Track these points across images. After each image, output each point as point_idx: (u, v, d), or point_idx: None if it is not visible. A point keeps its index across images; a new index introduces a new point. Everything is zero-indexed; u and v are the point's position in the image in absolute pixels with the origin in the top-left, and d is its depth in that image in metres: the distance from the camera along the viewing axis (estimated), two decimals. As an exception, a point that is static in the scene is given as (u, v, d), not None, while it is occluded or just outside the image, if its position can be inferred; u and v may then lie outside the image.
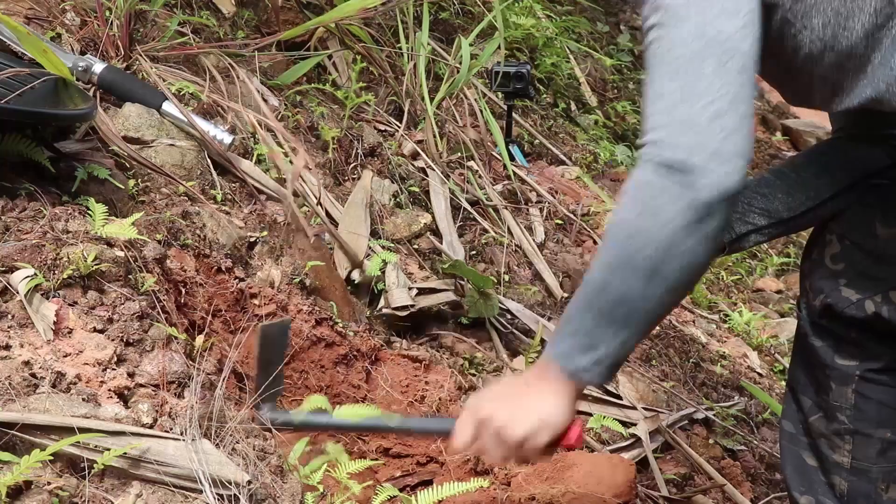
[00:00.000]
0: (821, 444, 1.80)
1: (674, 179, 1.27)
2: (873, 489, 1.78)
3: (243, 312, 2.06)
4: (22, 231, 1.65)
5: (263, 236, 2.24)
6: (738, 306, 3.53)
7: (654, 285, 1.32)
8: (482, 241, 2.85)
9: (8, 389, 1.36)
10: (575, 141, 4.08)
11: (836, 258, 1.72)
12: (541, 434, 1.39)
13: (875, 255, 1.68)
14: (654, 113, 1.31)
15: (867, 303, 1.69)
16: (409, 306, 2.35)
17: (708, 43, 1.30)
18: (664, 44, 1.32)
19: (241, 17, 3.05)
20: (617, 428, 2.28)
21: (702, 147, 1.27)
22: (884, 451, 1.76)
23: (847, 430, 1.75)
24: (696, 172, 1.27)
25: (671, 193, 1.27)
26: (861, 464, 1.76)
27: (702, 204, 1.27)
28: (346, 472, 1.59)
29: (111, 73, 2.33)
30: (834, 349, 1.74)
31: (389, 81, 3.23)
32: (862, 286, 1.70)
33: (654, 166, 1.29)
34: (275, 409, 1.60)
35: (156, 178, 2.18)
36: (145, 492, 1.35)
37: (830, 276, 1.73)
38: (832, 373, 1.75)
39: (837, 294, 1.72)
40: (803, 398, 1.82)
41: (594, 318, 1.35)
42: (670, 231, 1.28)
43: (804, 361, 1.83)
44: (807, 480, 1.83)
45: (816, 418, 1.79)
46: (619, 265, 1.32)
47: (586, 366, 1.36)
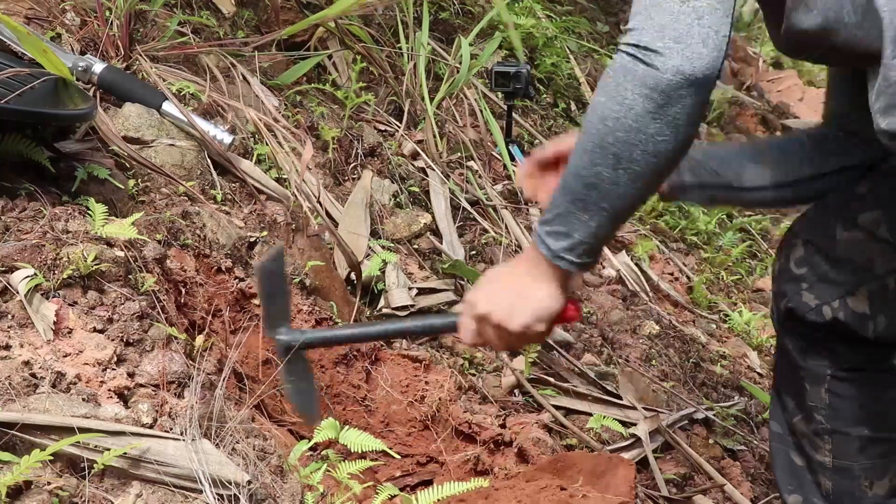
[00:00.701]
0: (805, 444, 1.81)
1: (639, 62, 1.28)
2: (857, 487, 1.79)
3: (243, 312, 2.06)
4: (22, 231, 1.65)
5: (263, 236, 2.24)
6: (738, 306, 3.53)
7: (622, 171, 1.33)
8: (482, 241, 2.86)
9: (8, 389, 1.36)
10: (575, 141, 4.07)
11: (799, 262, 1.75)
12: (538, 321, 1.44)
13: (833, 258, 1.71)
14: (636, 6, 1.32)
15: (825, 308, 1.71)
16: (409, 306, 2.35)
17: None
18: None
19: (241, 16, 3.05)
20: (617, 428, 2.28)
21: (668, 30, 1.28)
22: (863, 448, 1.78)
23: (825, 429, 1.77)
24: (660, 54, 1.27)
25: (635, 75, 1.28)
26: (842, 462, 1.78)
27: (664, 86, 1.28)
28: (346, 472, 1.59)
29: (111, 73, 2.33)
30: (804, 350, 1.76)
31: (389, 81, 3.23)
32: (821, 291, 1.72)
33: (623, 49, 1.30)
34: (290, 330, 1.60)
35: (156, 178, 2.18)
36: (145, 492, 1.35)
37: (793, 280, 1.76)
38: (805, 374, 1.77)
39: (798, 299, 1.74)
40: (786, 399, 1.84)
41: (569, 204, 1.38)
42: (635, 115, 1.29)
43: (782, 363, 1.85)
44: (795, 479, 1.85)
45: (798, 419, 1.81)
46: (591, 149, 1.34)
47: (564, 251, 1.39)
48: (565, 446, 2.18)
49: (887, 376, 1.79)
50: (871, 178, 1.71)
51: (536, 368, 2.40)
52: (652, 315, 2.99)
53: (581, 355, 2.58)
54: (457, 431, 2.10)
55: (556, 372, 2.45)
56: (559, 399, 2.34)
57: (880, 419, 1.79)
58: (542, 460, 2.00)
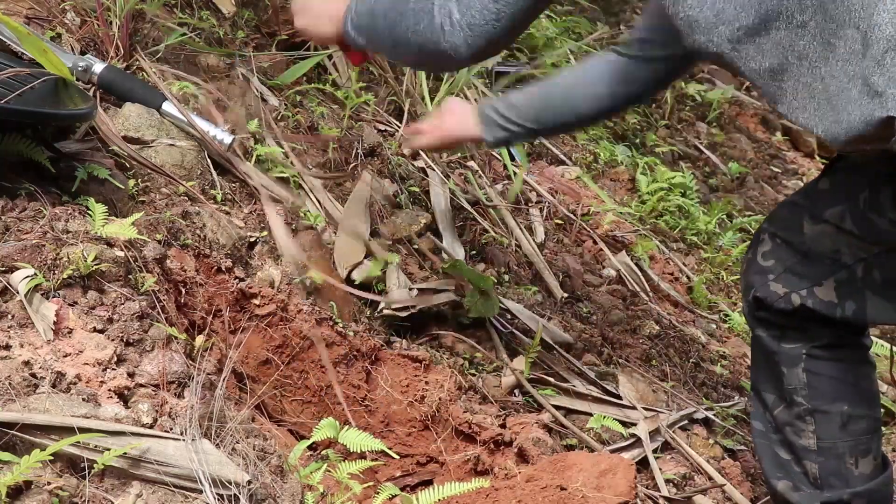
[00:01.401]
0: (788, 435, 1.87)
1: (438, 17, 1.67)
2: (843, 465, 1.85)
3: (243, 312, 2.06)
4: (22, 231, 1.65)
5: (263, 236, 2.24)
6: (738, 306, 3.53)
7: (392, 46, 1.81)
8: (482, 241, 2.85)
9: (8, 389, 1.36)
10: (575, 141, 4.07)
11: (766, 255, 1.86)
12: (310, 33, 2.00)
13: (801, 252, 1.82)
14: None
15: (793, 296, 1.82)
16: (409, 307, 2.35)
17: None
18: None
19: (241, 17, 3.05)
20: (617, 428, 2.28)
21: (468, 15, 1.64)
22: (844, 424, 1.84)
23: (806, 410, 1.84)
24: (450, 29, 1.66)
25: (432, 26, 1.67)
26: (826, 442, 1.84)
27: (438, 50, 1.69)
28: (346, 472, 1.59)
29: (111, 73, 2.33)
30: (777, 337, 1.86)
31: (389, 81, 3.23)
32: (788, 281, 1.82)
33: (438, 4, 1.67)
34: None
35: (156, 178, 2.18)
36: (145, 492, 1.35)
37: (760, 271, 1.87)
38: (781, 358, 1.85)
39: (766, 288, 1.85)
40: (765, 395, 1.91)
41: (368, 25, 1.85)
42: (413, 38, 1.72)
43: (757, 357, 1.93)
44: (782, 468, 1.90)
45: (780, 410, 1.88)
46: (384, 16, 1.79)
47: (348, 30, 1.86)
48: (565, 446, 2.18)
49: (860, 352, 1.88)
50: (832, 175, 1.80)
51: (536, 368, 2.40)
52: (652, 315, 2.99)
53: (581, 355, 2.58)
54: (457, 431, 2.10)
55: (556, 372, 2.45)
56: (559, 399, 2.34)
57: (857, 395, 1.88)
58: (542, 460, 2.00)
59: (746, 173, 4.73)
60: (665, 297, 3.26)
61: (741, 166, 4.74)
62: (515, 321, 2.56)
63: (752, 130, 5.41)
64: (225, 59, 2.78)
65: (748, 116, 5.53)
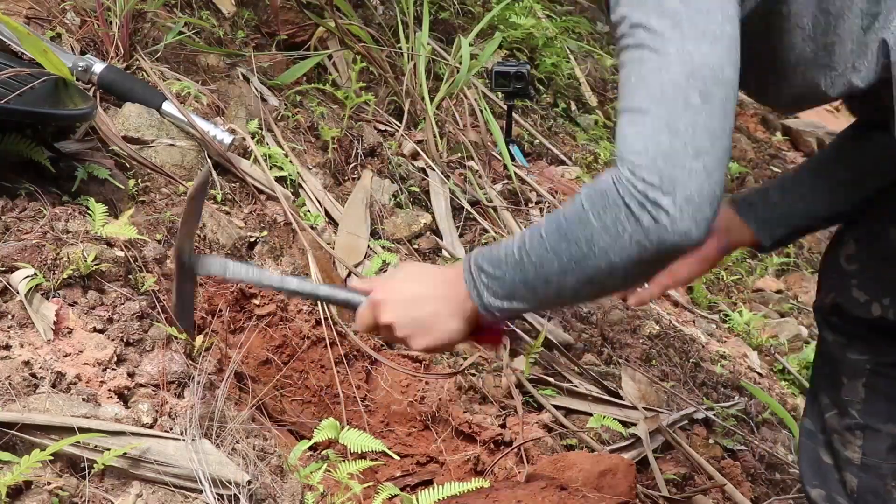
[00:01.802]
0: (835, 441, 1.82)
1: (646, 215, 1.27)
2: (883, 486, 1.80)
3: (243, 312, 2.06)
4: (22, 231, 1.65)
5: (263, 236, 2.24)
6: (738, 306, 3.53)
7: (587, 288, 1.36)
8: (482, 242, 2.85)
9: (8, 389, 1.36)
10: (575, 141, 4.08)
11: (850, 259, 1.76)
12: (438, 348, 1.46)
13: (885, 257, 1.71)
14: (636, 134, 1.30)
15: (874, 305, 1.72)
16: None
17: (692, 71, 1.27)
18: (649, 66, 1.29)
19: (241, 17, 3.05)
20: (617, 428, 2.28)
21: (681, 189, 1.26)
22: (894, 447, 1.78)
23: (858, 425, 1.78)
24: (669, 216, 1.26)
25: (641, 227, 1.27)
26: (871, 460, 1.78)
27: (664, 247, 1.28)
28: (346, 472, 1.59)
29: (111, 73, 2.33)
30: (845, 344, 1.78)
31: (389, 81, 3.23)
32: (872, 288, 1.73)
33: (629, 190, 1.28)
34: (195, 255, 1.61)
35: (156, 178, 2.18)
36: (145, 492, 1.35)
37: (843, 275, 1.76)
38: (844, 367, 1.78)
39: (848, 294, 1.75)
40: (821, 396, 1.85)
41: (520, 284, 1.39)
42: (624, 257, 1.30)
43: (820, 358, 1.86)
44: (821, 475, 1.86)
45: (831, 415, 1.82)
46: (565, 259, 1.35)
47: (500, 308, 1.41)
48: (565, 446, 2.18)
49: None
50: None
51: (536, 368, 2.40)
52: (652, 315, 2.99)
53: (581, 355, 2.58)
54: (457, 431, 2.10)
55: (556, 372, 2.45)
56: (559, 399, 2.34)
57: None
58: (542, 460, 2.00)
59: (746, 173, 4.73)
60: (665, 297, 3.26)
61: (741, 166, 4.75)
62: (515, 321, 2.56)
63: (751, 130, 5.41)
64: (225, 59, 2.78)
65: (748, 116, 5.53)
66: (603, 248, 1.31)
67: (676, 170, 1.26)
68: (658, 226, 1.26)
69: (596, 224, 1.31)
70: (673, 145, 1.26)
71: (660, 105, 1.27)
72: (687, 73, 1.27)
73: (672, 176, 1.26)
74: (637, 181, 1.27)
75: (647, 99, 1.29)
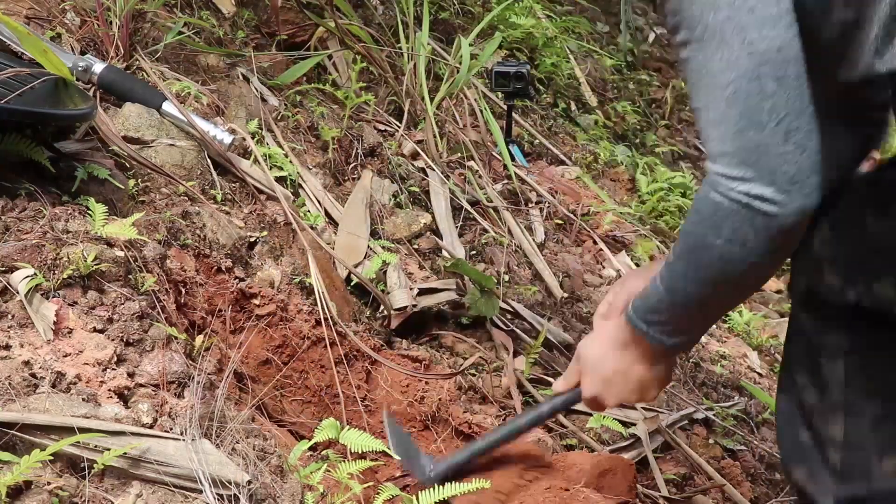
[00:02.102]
0: (814, 420, 1.82)
1: (757, 211, 1.33)
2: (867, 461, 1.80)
3: (243, 312, 2.06)
4: (22, 231, 1.65)
5: (263, 236, 2.24)
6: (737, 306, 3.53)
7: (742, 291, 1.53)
8: (482, 241, 2.85)
9: (8, 389, 1.36)
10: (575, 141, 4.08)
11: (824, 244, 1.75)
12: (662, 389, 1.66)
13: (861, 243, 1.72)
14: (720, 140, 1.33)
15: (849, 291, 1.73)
16: (410, 306, 2.35)
17: (761, 60, 1.29)
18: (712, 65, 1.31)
19: (241, 17, 3.05)
20: (617, 428, 2.28)
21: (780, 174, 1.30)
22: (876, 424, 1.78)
23: (839, 403, 1.78)
24: (778, 203, 1.32)
25: (757, 225, 1.34)
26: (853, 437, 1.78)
27: (786, 229, 1.35)
28: (346, 472, 1.59)
29: (111, 73, 2.33)
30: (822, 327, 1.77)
31: (389, 81, 3.23)
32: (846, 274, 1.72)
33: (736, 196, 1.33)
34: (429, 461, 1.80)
35: (156, 178, 2.18)
36: (145, 492, 1.35)
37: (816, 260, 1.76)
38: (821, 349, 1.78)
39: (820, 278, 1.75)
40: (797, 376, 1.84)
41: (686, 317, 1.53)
42: (759, 254, 1.38)
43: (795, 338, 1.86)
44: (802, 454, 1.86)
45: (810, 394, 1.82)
46: (711, 281, 1.45)
47: (678, 343, 1.56)
48: (565, 446, 2.18)
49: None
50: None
51: (536, 368, 2.40)
52: (652, 315, 2.99)
53: (581, 355, 2.58)
54: (457, 431, 2.10)
55: (556, 372, 2.45)
56: (559, 399, 2.34)
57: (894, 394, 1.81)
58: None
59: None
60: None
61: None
62: (515, 321, 2.56)
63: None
64: (225, 59, 2.78)
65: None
66: (738, 257, 1.39)
67: (771, 158, 1.30)
68: (774, 216, 1.32)
69: (719, 242, 1.38)
70: (761, 138, 1.29)
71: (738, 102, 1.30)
72: (756, 63, 1.28)
73: (769, 166, 1.30)
74: (737, 184, 1.32)
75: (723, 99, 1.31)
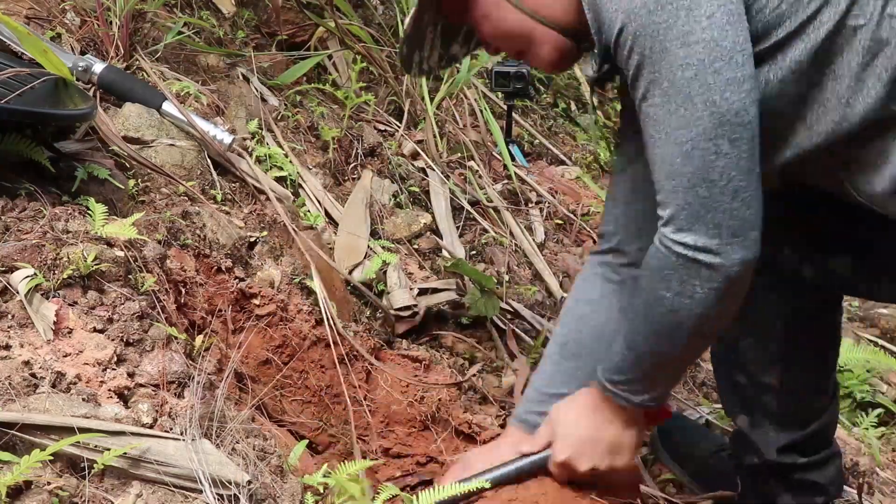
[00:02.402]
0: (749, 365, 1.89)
1: (703, 263, 1.38)
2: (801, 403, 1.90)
3: (243, 312, 2.05)
4: (22, 231, 1.65)
5: (263, 236, 2.24)
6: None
7: (697, 343, 1.52)
8: (482, 241, 2.85)
9: (8, 389, 1.35)
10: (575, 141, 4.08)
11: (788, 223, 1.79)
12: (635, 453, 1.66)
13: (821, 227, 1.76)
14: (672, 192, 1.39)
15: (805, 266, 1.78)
16: (411, 306, 2.35)
17: (721, 121, 1.34)
18: (673, 121, 1.36)
19: (241, 17, 3.05)
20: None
21: (724, 228, 1.37)
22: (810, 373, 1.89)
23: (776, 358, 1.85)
24: (722, 255, 1.38)
25: (702, 277, 1.39)
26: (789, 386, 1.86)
27: (731, 280, 1.40)
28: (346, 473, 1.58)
29: (111, 73, 2.33)
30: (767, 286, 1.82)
31: (389, 81, 3.23)
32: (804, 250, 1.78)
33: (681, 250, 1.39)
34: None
35: (156, 178, 2.18)
36: (145, 492, 1.35)
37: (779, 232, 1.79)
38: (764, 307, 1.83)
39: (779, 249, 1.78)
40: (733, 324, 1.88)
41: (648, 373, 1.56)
42: (707, 305, 1.42)
43: None
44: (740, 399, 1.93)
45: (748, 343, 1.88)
46: (666, 334, 1.49)
47: (646, 400, 1.59)
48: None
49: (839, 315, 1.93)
50: None
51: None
52: (652, 315, 2.98)
53: (581, 355, 2.58)
54: (457, 431, 2.10)
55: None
56: (559, 399, 2.34)
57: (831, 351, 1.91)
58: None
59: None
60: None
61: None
62: (515, 321, 2.56)
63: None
64: (225, 59, 2.78)
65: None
66: (687, 309, 1.43)
67: (717, 214, 1.36)
68: (718, 268, 1.38)
69: (669, 295, 1.44)
70: (710, 194, 1.36)
71: (693, 159, 1.35)
72: (715, 123, 1.34)
73: (714, 220, 1.36)
74: (683, 236, 1.39)
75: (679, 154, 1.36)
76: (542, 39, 1.54)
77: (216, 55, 2.75)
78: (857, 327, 3.41)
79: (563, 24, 1.51)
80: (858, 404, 2.92)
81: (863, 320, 3.52)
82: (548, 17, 1.51)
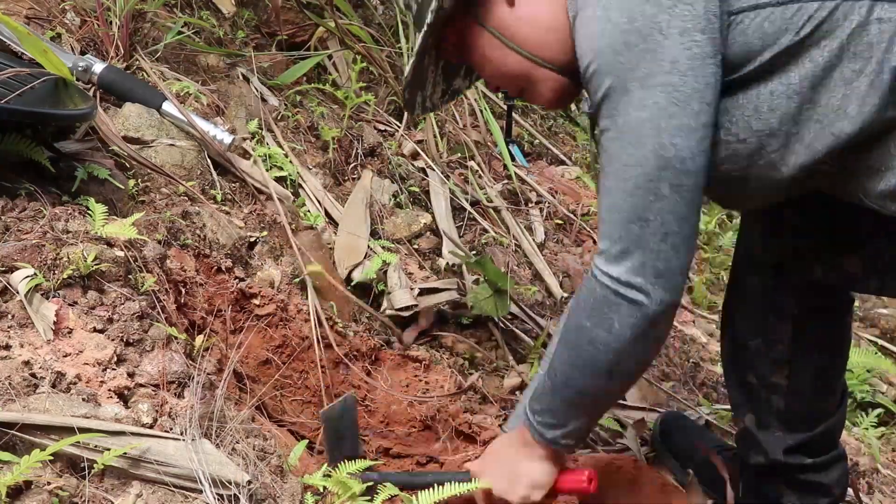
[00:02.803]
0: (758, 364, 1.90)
1: (625, 298, 1.43)
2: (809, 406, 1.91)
3: (243, 312, 2.05)
4: (22, 231, 1.65)
5: (263, 236, 2.24)
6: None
7: (611, 380, 1.52)
8: (482, 241, 2.85)
9: (8, 389, 1.36)
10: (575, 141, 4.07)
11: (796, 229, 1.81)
12: (536, 491, 1.66)
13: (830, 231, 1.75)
14: (610, 223, 1.44)
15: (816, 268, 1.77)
16: (412, 306, 2.35)
17: (665, 165, 1.38)
18: (623, 157, 1.40)
19: (241, 17, 3.05)
20: (616, 428, 2.28)
21: (649, 268, 1.41)
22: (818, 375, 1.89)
23: (785, 359, 1.87)
24: (644, 293, 1.42)
25: (622, 311, 1.43)
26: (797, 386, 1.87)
27: (650, 319, 1.43)
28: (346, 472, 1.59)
29: (111, 73, 2.33)
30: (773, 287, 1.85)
31: (389, 81, 3.23)
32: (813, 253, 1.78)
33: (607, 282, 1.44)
34: None
35: (156, 178, 2.18)
36: (145, 492, 1.35)
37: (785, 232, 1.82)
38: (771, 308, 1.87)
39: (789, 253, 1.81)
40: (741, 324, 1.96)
41: (562, 404, 1.59)
42: (623, 341, 1.45)
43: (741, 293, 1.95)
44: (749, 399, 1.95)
45: (757, 342, 1.90)
46: (581, 365, 1.52)
47: (558, 438, 1.61)
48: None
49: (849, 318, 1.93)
50: None
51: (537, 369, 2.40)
52: (652, 315, 2.99)
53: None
54: (457, 431, 2.10)
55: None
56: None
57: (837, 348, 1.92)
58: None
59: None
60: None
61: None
62: (515, 321, 2.56)
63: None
64: (225, 59, 2.78)
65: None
66: (604, 342, 1.47)
67: (645, 252, 1.41)
68: (638, 305, 1.42)
69: (589, 325, 1.48)
70: (643, 233, 1.40)
71: (633, 197, 1.40)
72: (660, 166, 1.38)
73: (642, 259, 1.41)
74: (612, 269, 1.43)
75: (623, 189, 1.41)
76: (542, 79, 1.57)
77: (216, 55, 2.75)
78: (858, 327, 3.41)
79: (561, 63, 1.54)
80: (858, 404, 2.92)
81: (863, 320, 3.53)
82: (546, 58, 1.54)
